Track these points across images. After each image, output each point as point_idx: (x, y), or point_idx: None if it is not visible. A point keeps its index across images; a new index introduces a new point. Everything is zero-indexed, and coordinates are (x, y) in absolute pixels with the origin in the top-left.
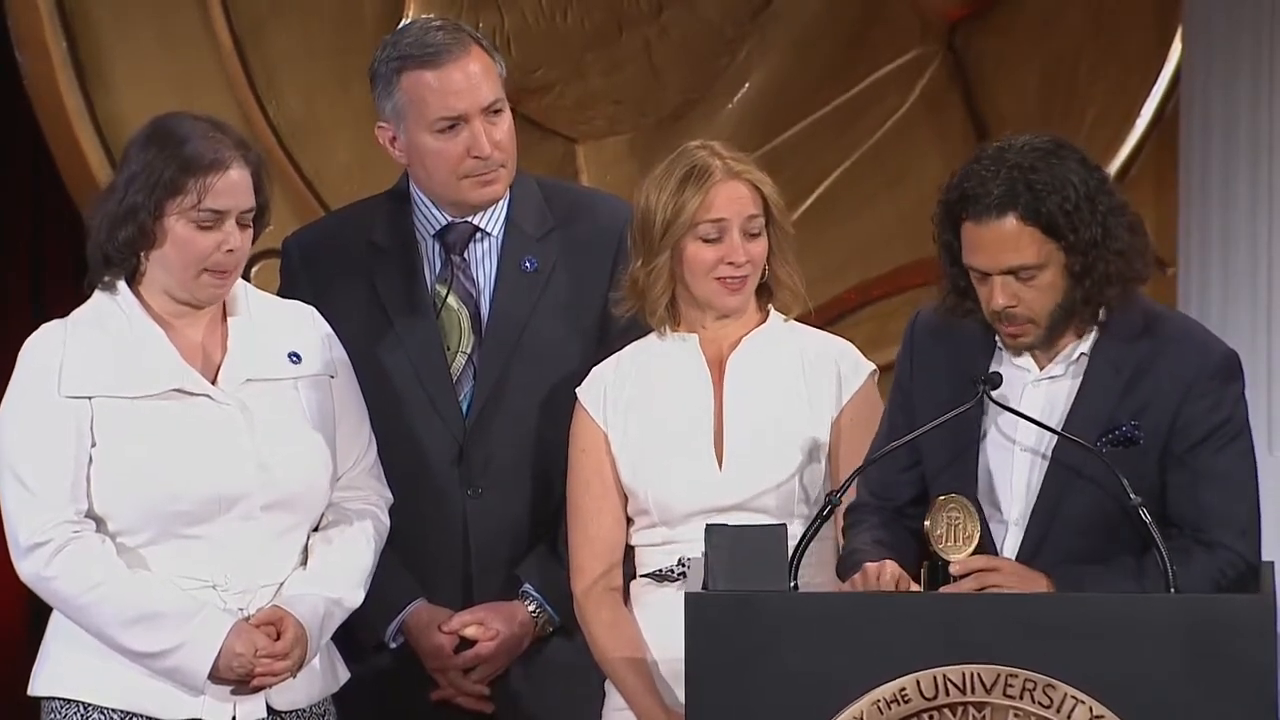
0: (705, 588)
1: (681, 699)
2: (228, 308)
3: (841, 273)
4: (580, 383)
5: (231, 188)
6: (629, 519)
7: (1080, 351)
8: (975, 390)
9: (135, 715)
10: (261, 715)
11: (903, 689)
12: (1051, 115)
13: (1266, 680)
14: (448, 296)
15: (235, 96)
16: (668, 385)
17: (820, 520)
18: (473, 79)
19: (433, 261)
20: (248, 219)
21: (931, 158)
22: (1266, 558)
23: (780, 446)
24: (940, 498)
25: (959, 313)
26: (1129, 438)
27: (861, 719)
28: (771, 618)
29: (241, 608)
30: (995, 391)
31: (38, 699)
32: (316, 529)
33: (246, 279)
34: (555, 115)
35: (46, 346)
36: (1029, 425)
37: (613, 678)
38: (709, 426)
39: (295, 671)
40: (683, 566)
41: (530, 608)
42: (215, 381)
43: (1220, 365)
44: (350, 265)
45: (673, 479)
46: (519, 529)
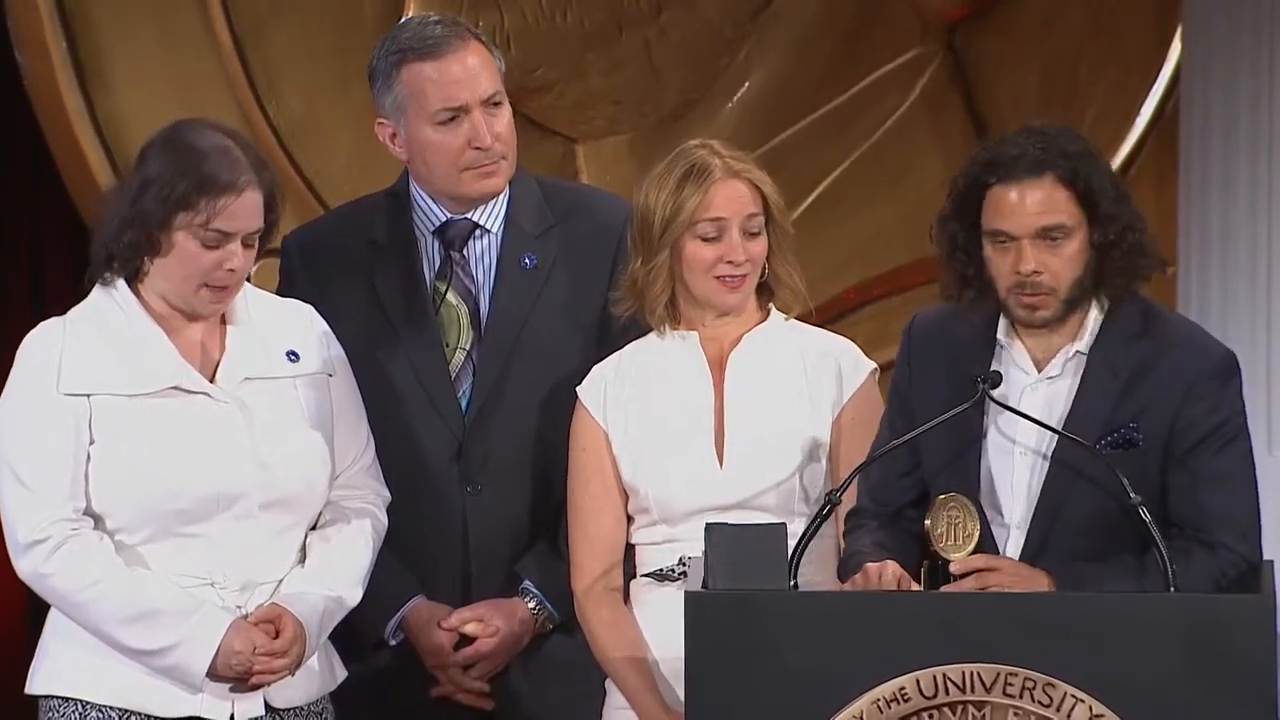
0: (705, 587)
1: (682, 698)
2: (227, 316)
3: (841, 272)
4: (580, 380)
5: (242, 211)
6: (629, 518)
7: (1076, 350)
8: (975, 390)
9: (133, 713)
10: (259, 713)
11: (902, 688)
12: (1051, 115)
13: (1266, 680)
14: (447, 293)
15: (235, 96)
16: (668, 384)
17: (820, 519)
18: (472, 70)
19: (432, 258)
20: (253, 239)
21: (931, 157)
22: (1266, 558)
23: (781, 445)
24: (940, 497)
25: (962, 301)
26: (1128, 440)
27: (861, 718)
28: (771, 617)
29: (239, 605)
30: (994, 392)
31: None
32: (314, 527)
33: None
34: (555, 115)
35: (45, 343)
36: (1029, 427)
37: (614, 677)
38: (710, 425)
39: (294, 670)
40: (683, 566)
41: (530, 605)
42: (214, 380)
43: (1219, 366)
44: (349, 263)
45: (673, 477)
46: (518, 526)
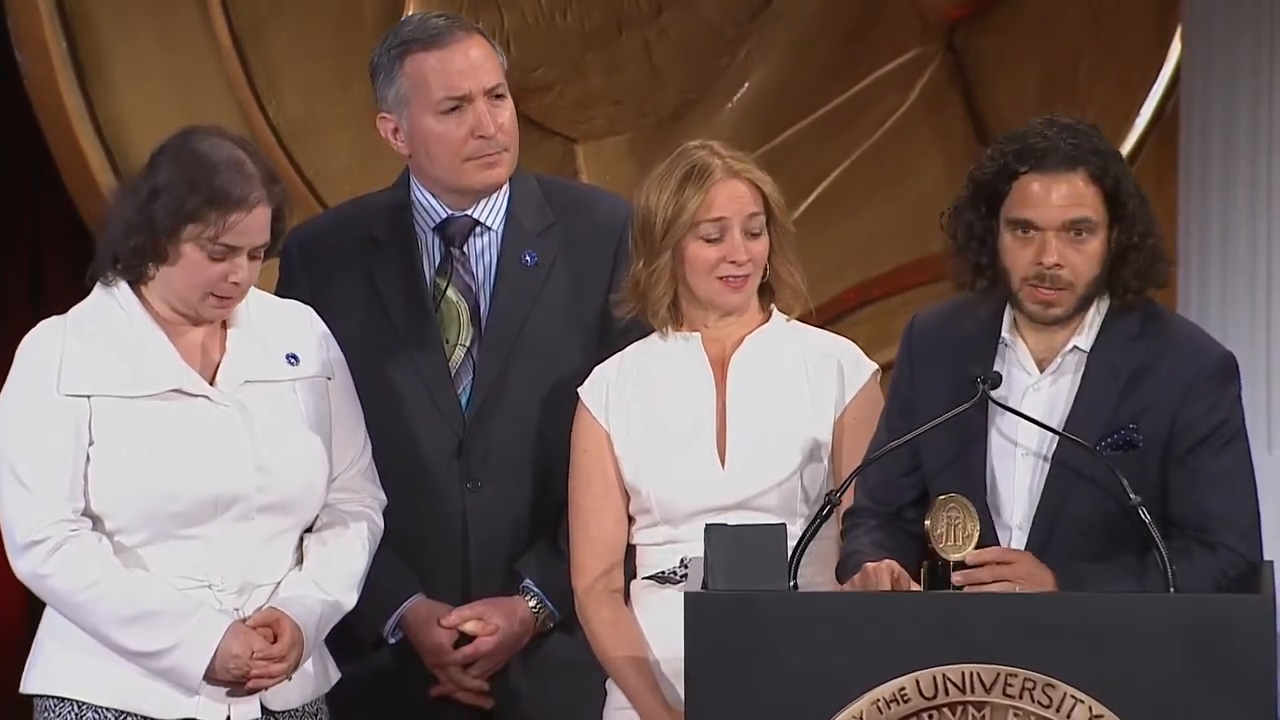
0: (705, 587)
1: (683, 698)
2: (227, 318)
3: (841, 272)
4: (580, 377)
5: (251, 227)
6: (631, 518)
7: (1075, 345)
8: (975, 390)
9: (129, 715)
10: (255, 716)
11: (902, 688)
12: None
13: (1266, 680)
14: (447, 290)
15: (235, 96)
16: (670, 384)
17: (820, 520)
18: (475, 61)
19: (432, 255)
20: (259, 252)
21: (931, 157)
22: (1266, 558)
23: (783, 446)
24: (940, 497)
25: (973, 290)
26: (1129, 441)
27: (861, 718)
28: (771, 617)
29: (237, 608)
30: (996, 393)
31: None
32: (310, 530)
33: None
34: (555, 115)
35: (45, 343)
36: (1030, 428)
37: (615, 677)
38: (711, 426)
39: (291, 674)
40: (684, 568)
41: (530, 603)
42: (214, 382)
43: (1218, 367)
44: (350, 260)
45: (675, 478)
46: (518, 523)
